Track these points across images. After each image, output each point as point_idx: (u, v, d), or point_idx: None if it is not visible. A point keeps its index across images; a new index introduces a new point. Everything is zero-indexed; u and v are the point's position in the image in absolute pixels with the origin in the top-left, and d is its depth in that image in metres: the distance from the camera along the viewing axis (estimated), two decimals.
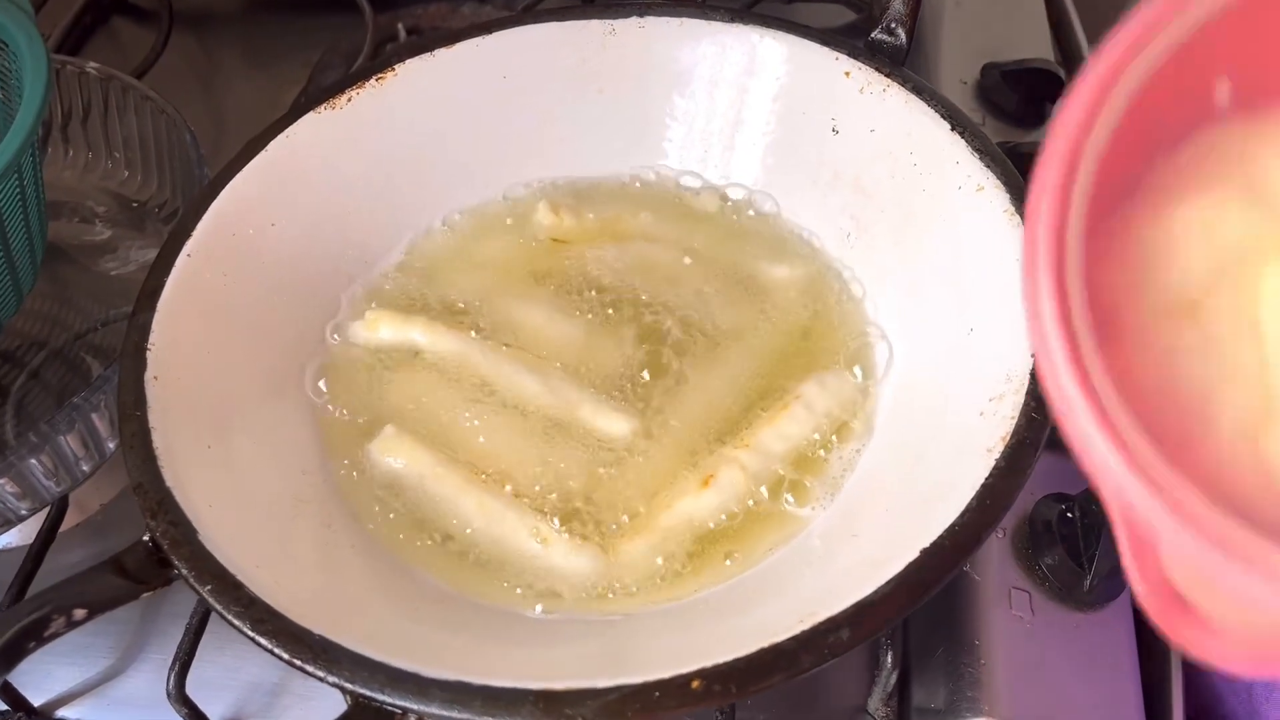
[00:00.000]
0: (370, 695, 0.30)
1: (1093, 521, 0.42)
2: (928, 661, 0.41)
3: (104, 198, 0.56)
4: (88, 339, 0.52)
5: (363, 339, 0.45)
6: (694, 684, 0.29)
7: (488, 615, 0.37)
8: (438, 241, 0.48)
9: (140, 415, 0.37)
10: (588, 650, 0.35)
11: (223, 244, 0.43)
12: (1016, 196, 0.40)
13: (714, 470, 0.39)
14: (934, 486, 0.35)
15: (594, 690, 0.30)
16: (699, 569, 0.38)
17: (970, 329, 0.39)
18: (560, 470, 0.41)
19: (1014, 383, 0.35)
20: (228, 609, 0.32)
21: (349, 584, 0.37)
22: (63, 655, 0.45)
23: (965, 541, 0.32)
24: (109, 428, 0.44)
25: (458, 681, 0.30)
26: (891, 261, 0.44)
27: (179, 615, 0.44)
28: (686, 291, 0.46)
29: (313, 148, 0.46)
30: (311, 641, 0.31)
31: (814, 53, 0.46)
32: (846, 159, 0.46)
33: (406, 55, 0.48)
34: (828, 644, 0.30)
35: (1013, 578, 0.42)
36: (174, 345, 0.39)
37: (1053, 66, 0.60)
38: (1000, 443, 0.34)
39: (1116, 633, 0.41)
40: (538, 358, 0.44)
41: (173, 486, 0.35)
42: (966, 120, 0.43)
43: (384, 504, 0.41)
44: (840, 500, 0.39)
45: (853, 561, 0.34)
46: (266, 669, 0.44)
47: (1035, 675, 0.40)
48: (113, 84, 0.54)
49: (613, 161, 0.50)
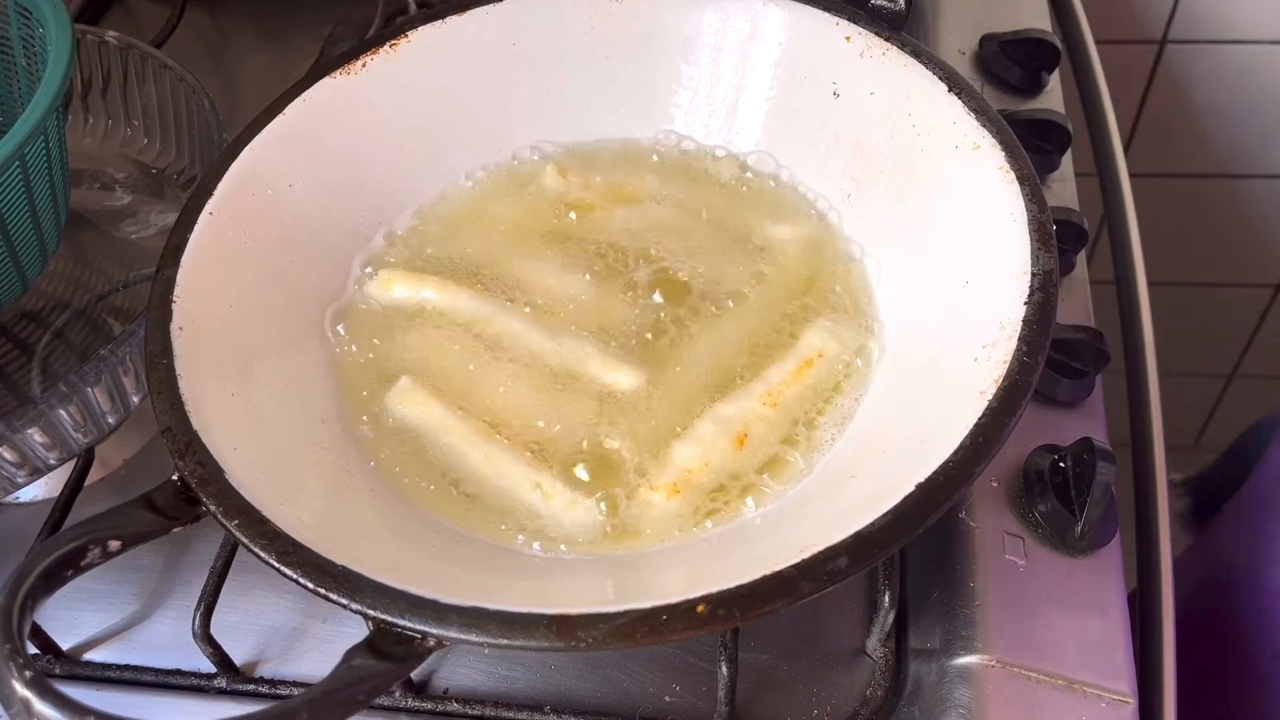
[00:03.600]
0: (391, 620, 0.31)
1: (1084, 471, 0.43)
2: (924, 604, 0.43)
3: (124, 164, 0.58)
4: (109, 301, 0.53)
5: (377, 296, 0.46)
6: (699, 608, 0.31)
7: (502, 554, 0.39)
8: (450, 203, 0.50)
9: (167, 363, 0.38)
10: (599, 583, 0.37)
11: (243, 203, 0.44)
12: (1011, 154, 0.41)
13: (746, 429, 0.41)
14: (930, 429, 0.36)
15: (605, 615, 0.31)
16: (717, 516, 0.40)
17: (966, 281, 0.41)
18: (571, 421, 0.42)
19: (1006, 329, 0.37)
20: (254, 541, 0.34)
21: (368, 525, 0.39)
22: (89, 601, 0.46)
23: (959, 476, 0.33)
24: (134, 383, 0.45)
25: (474, 607, 0.31)
26: (891, 220, 0.45)
27: (201, 564, 0.45)
28: (692, 250, 0.47)
29: (329, 111, 0.47)
30: (335, 571, 0.33)
31: (815, 18, 0.47)
32: (847, 122, 0.47)
33: (419, 24, 0.49)
34: (826, 571, 0.31)
35: (1007, 524, 0.44)
36: (197, 298, 0.41)
37: (1050, 36, 0.61)
38: (993, 385, 0.35)
39: (1106, 577, 0.43)
40: (547, 313, 0.45)
41: (199, 430, 0.36)
42: (963, 82, 0.44)
43: (399, 452, 0.42)
44: (841, 444, 0.41)
45: (852, 499, 0.36)
46: (286, 614, 0.45)
47: (1028, 616, 0.41)
48: (132, 53, 0.55)
49: (619, 126, 0.51)
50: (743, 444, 0.41)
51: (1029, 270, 0.38)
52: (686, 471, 0.40)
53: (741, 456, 0.41)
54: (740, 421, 0.41)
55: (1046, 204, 0.40)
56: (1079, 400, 0.48)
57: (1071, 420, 0.48)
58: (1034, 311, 0.37)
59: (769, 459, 0.41)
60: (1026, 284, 0.38)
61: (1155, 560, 0.47)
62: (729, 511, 0.40)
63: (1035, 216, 0.39)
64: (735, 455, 0.41)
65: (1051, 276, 0.38)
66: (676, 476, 0.40)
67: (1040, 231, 0.39)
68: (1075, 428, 0.47)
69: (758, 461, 0.41)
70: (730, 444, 0.41)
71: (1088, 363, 0.48)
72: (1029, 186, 0.40)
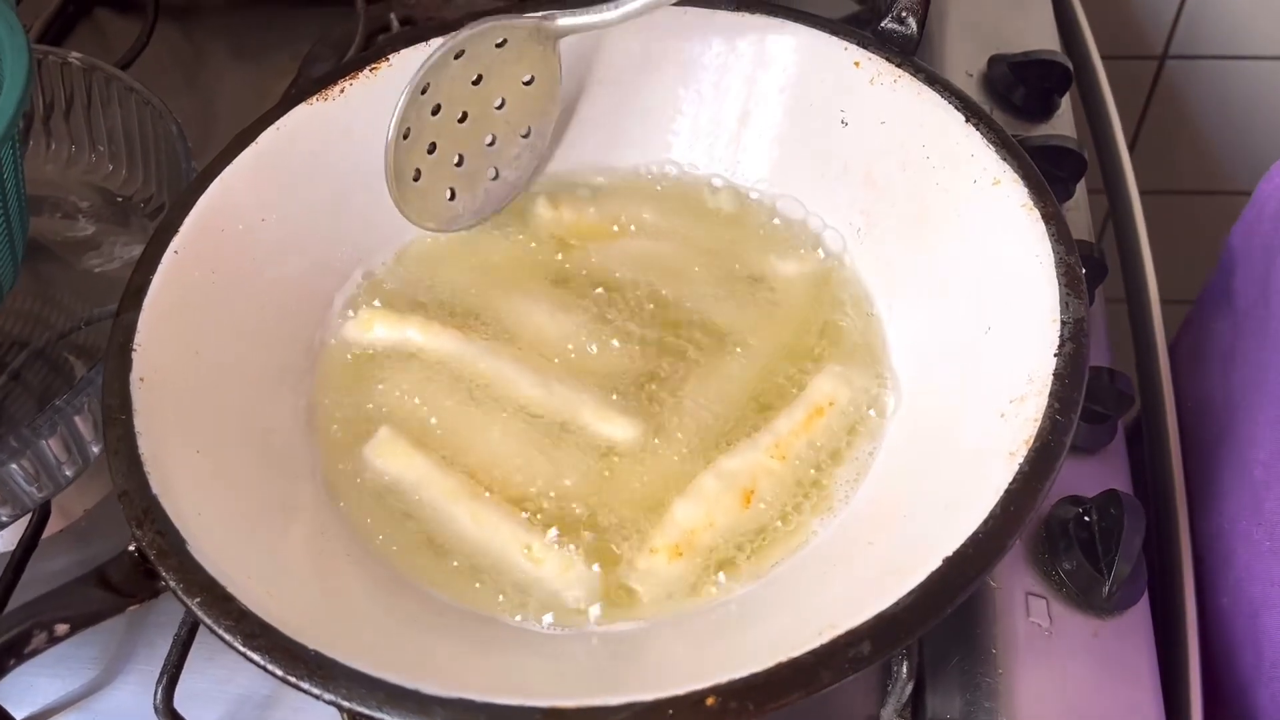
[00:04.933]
0: (368, 714, 0.29)
1: (1110, 525, 0.41)
2: (943, 670, 0.40)
3: (87, 192, 0.55)
4: (71, 338, 0.50)
5: (357, 338, 0.44)
6: (709, 700, 0.28)
7: (490, 627, 0.36)
8: (434, 238, 0.47)
9: (125, 419, 0.35)
10: (597, 664, 0.34)
11: (211, 240, 0.41)
12: (1035, 190, 0.39)
13: (753, 484, 0.38)
14: (954, 492, 0.34)
15: (604, 709, 0.28)
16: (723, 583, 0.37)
17: (988, 327, 0.38)
18: (561, 476, 0.39)
19: (1036, 383, 0.34)
20: (218, 623, 0.31)
21: (344, 594, 0.36)
22: (46, 667, 0.43)
23: (990, 549, 0.30)
24: (93, 431, 0.42)
25: (460, 699, 0.29)
26: (904, 257, 0.43)
27: (167, 626, 0.42)
28: (692, 288, 0.44)
29: (305, 140, 0.44)
30: (306, 657, 0.30)
31: (822, 42, 0.45)
32: (856, 152, 0.45)
33: (401, 45, 0.46)
34: (848, 659, 0.29)
35: (1029, 583, 0.41)
36: (161, 346, 0.38)
37: (1060, 58, 0.59)
38: (1023, 446, 0.33)
39: (1136, 639, 0.40)
40: (538, 357, 0.43)
41: (159, 494, 0.33)
42: (981, 111, 0.41)
43: (379, 511, 0.39)
44: (854, 505, 0.38)
45: (871, 570, 0.33)
46: (257, 681, 0.42)
47: (1054, 684, 0.39)
48: (96, 75, 0.53)
49: (616, 155, 0.48)
50: (749, 501, 0.38)
51: (1057, 318, 0.36)
52: (689, 532, 0.37)
53: (748, 515, 0.38)
54: (746, 476, 0.39)
55: (1074, 244, 0.37)
56: (1100, 447, 0.46)
57: (1093, 468, 0.45)
58: (1065, 364, 0.34)
59: (777, 518, 0.38)
60: (1056, 333, 0.35)
61: (1181, 622, 0.45)
62: (735, 577, 0.37)
63: (1063, 259, 0.37)
64: (741, 513, 0.38)
65: (1082, 325, 0.35)
66: (678, 538, 0.37)
67: (1069, 275, 0.36)
68: (1097, 476, 0.45)
69: (765, 521, 0.38)
70: (736, 501, 0.38)
71: (1110, 406, 0.45)
72: (1055, 226, 0.38)
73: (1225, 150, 1.03)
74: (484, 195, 0.45)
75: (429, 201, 0.44)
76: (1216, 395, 0.51)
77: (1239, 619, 0.45)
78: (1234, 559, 0.45)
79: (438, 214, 0.44)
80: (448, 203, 0.44)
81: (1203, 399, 0.53)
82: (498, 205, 0.46)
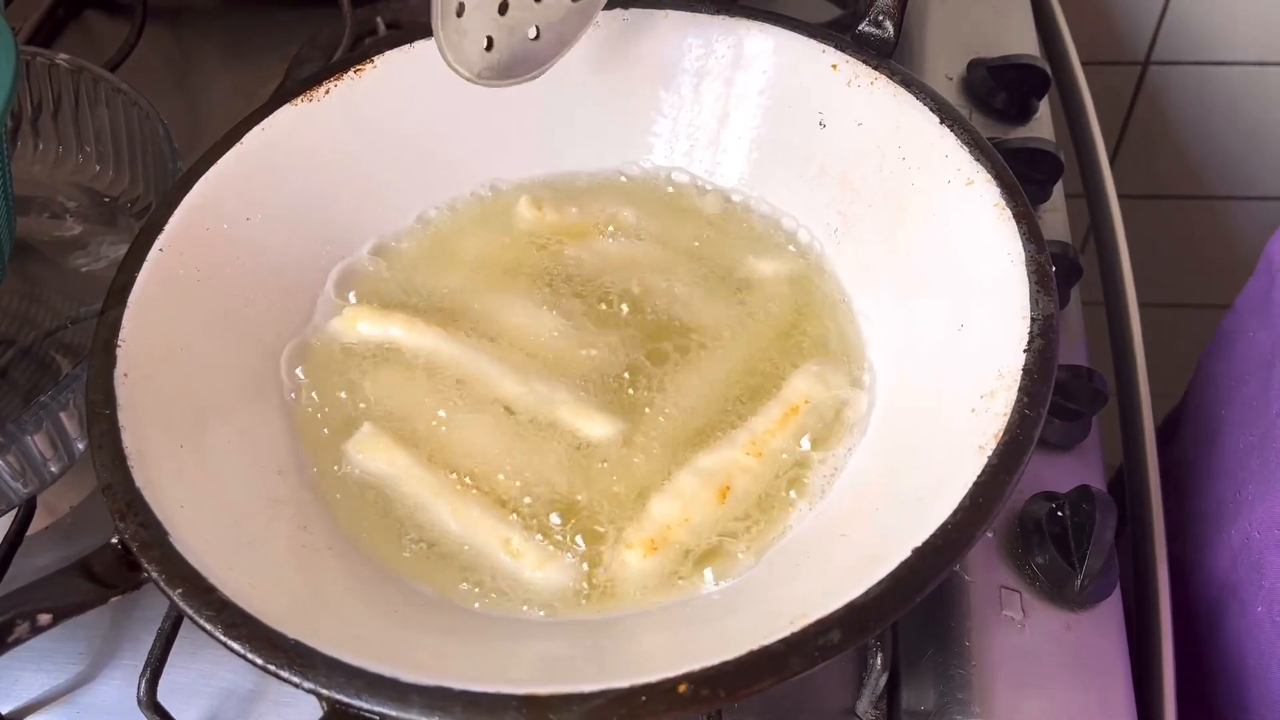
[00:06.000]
0: (347, 701, 0.29)
1: (1083, 520, 0.41)
2: (917, 663, 0.41)
3: (75, 192, 0.55)
4: (57, 337, 0.51)
5: (341, 335, 0.44)
6: (681, 688, 0.29)
7: (468, 617, 0.36)
8: (418, 237, 0.47)
9: (109, 414, 0.36)
10: (572, 652, 0.35)
11: (196, 238, 0.42)
12: (1007, 190, 0.39)
13: (729, 481, 0.39)
14: (925, 485, 0.34)
15: (579, 695, 0.29)
16: (696, 576, 0.37)
17: (960, 325, 0.39)
18: (541, 473, 0.40)
19: (1006, 379, 0.35)
20: (200, 613, 0.31)
21: (325, 586, 0.36)
22: (30, 661, 0.43)
23: (958, 540, 0.31)
24: (78, 427, 0.43)
25: (438, 686, 0.29)
26: (880, 256, 0.43)
27: (150, 620, 0.42)
28: (671, 287, 0.45)
29: (290, 140, 0.45)
30: (286, 646, 0.30)
31: (801, 45, 0.45)
32: (834, 153, 0.45)
33: (386, 47, 0.47)
34: (818, 646, 0.29)
35: (1003, 577, 0.42)
36: (145, 342, 0.38)
37: (1039, 62, 0.59)
38: (993, 440, 0.33)
39: (1108, 632, 0.41)
40: (520, 355, 0.43)
41: (143, 487, 0.34)
42: (956, 113, 0.42)
43: (361, 505, 0.40)
44: (830, 499, 0.38)
45: (843, 562, 0.34)
46: (241, 675, 0.43)
47: (1027, 676, 0.39)
48: (83, 76, 0.53)
49: (596, 156, 0.49)
50: (725, 497, 0.39)
51: (1028, 315, 0.36)
52: (665, 527, 0.38)
53: (723, 510, 0.38)
54: (723, 473, 0.39)
55: (1045, 244, 0.38)
56: (1074, 443, 0.46)
57: (1067, 464, 0.46)
58: (1034, 360, 0.35)
59: (752, 513, 0.38)
60: (1026, 329, 0.36)
61: (1155, 614, 0.45)
62: (710, 569, 0.37)
63: (1033, 257, 0.37)
64: (717, 509, 0.38)
65: (1052, 321, 0.36)
66: (654, 533, 0.38)
67: (1039, 273, 0.37)
68: (1071, 472, 0.45)
69: (740, 515, 0.38)
70: (712, 497, 0.39)
71: (1083, 404, 0.46)
72: (1026, 225, 0.38)
73: (1208, 155, 1.04)
74: (520, 53, 0.43)
75: (466, 43, 0.42)
76: (1256, 403, 0.51)
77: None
78: (1266, 566, 0.46)
79: (471, 60, 0.43)
80: (483, 52, 0.43)
81: (1241, 407, 0.52)
82: (530, 70, 0.44)
